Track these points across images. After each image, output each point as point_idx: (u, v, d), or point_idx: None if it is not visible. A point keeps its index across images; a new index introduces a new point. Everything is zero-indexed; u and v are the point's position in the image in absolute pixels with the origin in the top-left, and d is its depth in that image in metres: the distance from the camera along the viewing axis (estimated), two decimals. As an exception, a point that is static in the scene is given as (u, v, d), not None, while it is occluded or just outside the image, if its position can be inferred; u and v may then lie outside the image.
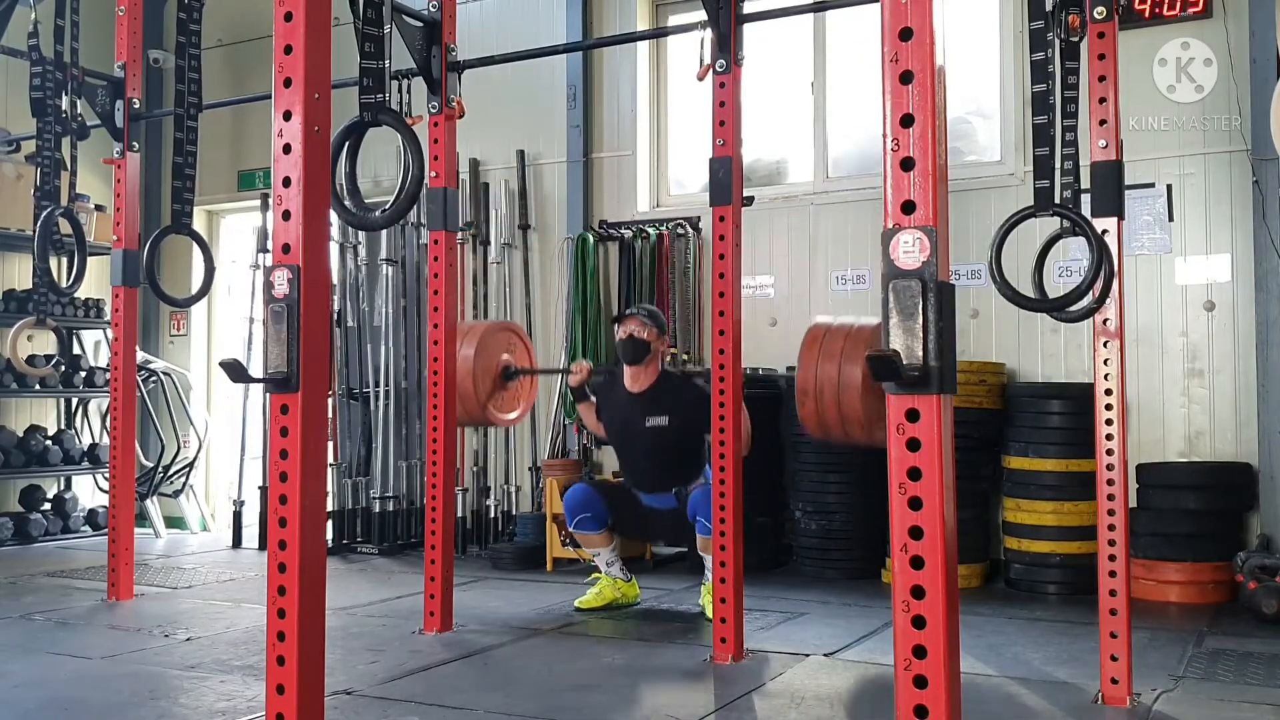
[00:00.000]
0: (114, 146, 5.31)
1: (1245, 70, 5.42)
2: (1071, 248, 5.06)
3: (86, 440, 7.95)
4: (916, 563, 1.73)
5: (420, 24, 4.47)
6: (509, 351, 5.28)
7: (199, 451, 8.11)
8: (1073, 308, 3.33)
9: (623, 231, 6.88)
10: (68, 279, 5.39)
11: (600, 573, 5.12)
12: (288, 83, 2.25)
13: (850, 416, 3.98)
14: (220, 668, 3.97)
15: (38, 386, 7.46)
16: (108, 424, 6.39)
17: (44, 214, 5.06)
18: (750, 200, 4.09)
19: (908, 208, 1.74)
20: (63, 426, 7.96)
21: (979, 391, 5.57)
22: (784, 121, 6.77)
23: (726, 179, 4.00)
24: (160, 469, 7.87)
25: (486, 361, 5.09)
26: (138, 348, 5.80)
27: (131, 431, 5.42)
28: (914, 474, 1.73)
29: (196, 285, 5.02)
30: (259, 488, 7.19)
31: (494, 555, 6.46)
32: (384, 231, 7.01)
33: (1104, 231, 3.33)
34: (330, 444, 5.22)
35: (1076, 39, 3.30)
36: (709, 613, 4.67)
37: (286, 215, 2.25)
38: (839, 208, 6.45)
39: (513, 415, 5.41)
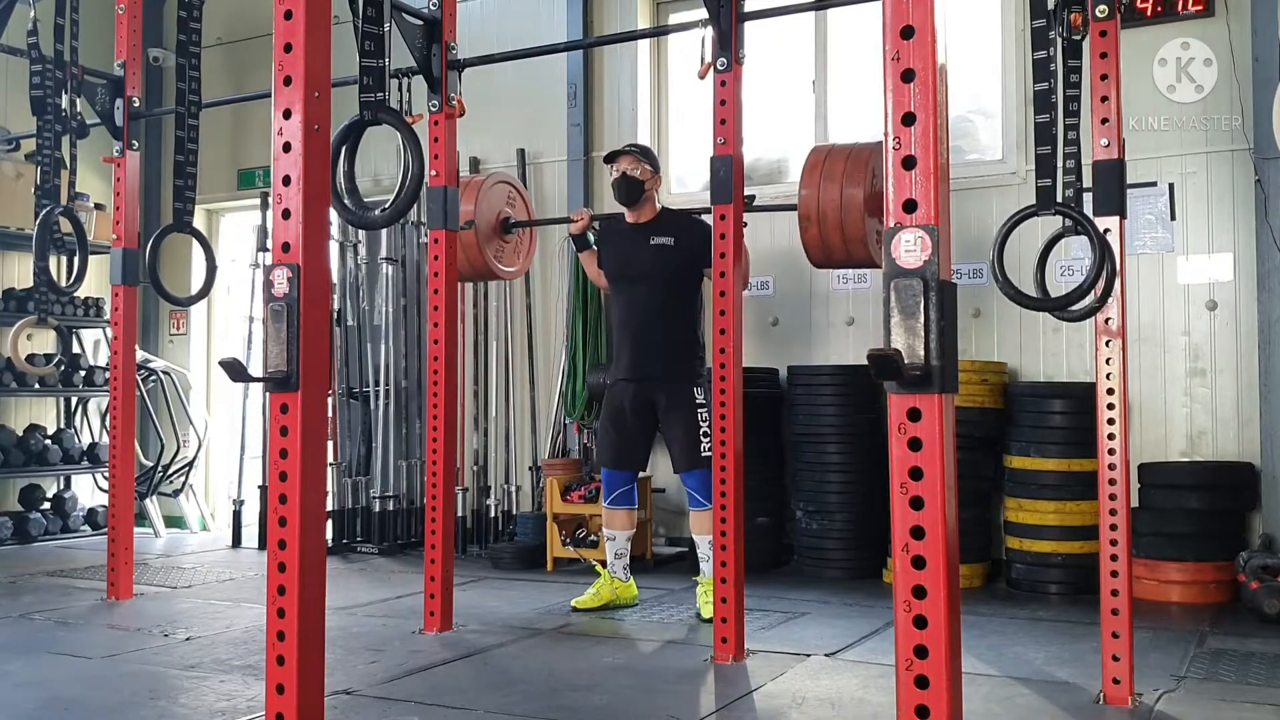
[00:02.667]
0: (114, 145, 5.30)
1: (1247, 69, 5.41)
2: (1073, 247, 5.06)
3: (86, 439, 7.95)
4: (918, 562, 1.72)
5: (420, 22, 4.47)
6: (509, 205, 5.31)
7: (199, 451, 8.10)
8: (1075, 307, 3.33)
9: (623, 230, 6.86)
10: (67, 278, 5.38)
11: (603, 569, 5.12)
12: (287, 81, 2.25)
13: (853, 236, 4.01)
14: (220, 667, 3.96)
15: (37, 385, 7.46)
16: (107, 423, 6.38)
17: (44, 213, 5.05)
18: (751, 199, 4.09)
19: (909, 206, 1.74)
20: (62, 426, 7.96)
21: (980, 391, 5.56)
22: (785, 120, 6.76)
23: (727, 178, 3.99)
24: (160, 468, 7.86)
25: (486, 213, 5.11)
26: (137, 347, 5.80)
27: (131, 431, 5.42)
28: (915, 473, 1.73)
29: (196, 284, 5.02)
30: (259, 487, 7.19)
31: (494, 555, 6.45)
32: (384, 230, 7.01)
33: (1106, 230, 3.33)
34: (330, 443, 5.21)
35: (1079, 37, 3.29)
36: (705, 613, 4.67)
37: (286, 214, 2.24)
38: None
39: (514, 268, 5.46)
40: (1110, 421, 3.44)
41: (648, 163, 5.04)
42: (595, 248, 5.32)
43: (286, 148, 2.24)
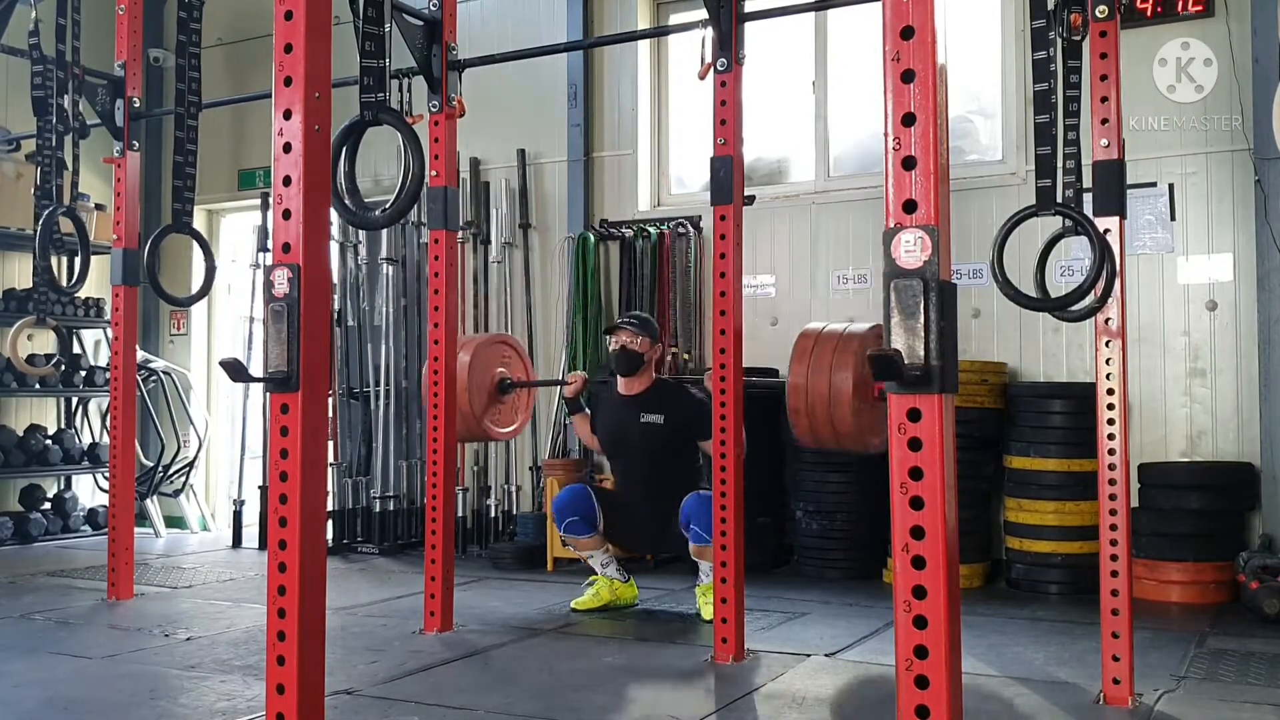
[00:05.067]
0: (114, 145, 5.30)
1: (1247, 69, 5.41)
2: (1073, 247, 5.06)
3: (86, 440, 7.94)
4: (918, 562, 1.73)
5: (421, 23, 4.47)
6: (504, 364, 5.25)
7: (199, 451, 8.10)
8: (1074, 307, 3.33)
9: (623, 231, 6.87)
10: (68, 278, 5.38)
11: (597, 574, 5.11)
12: (288, 81, 2.25)
13: (843, 431, 3.98)
14: (220, 668, 3.97)
15: (38, 386, 7.46)
16: (108, 423, 6.38)
17: (46, 213, 5.05)
18: (751, 199, 4.08)
19: (909, 207, 1.74)
20: (63, 426, 7.96)
21: (980, 391, 5.56)
22: (785, 120, 6.76)
23: (727, 178, 3.99)
24: (160, 468, 7.86)
25: (481, 376, 5.06)
26: (138, 347, 5.80)
27: (131, 431, 5.41)
28: (915, 474, 1.73)
29: (197, 284, 5.01)
30: (259, 487, 7.19)
31: (494, 555, 6.46)
32: (384, 231, 7.01)
33: (1106, 231, 3.33)
34: (330, 444, 5.21)
35: (1078, 38, 3.29)
36: (705, 614, 4.67)
37: (287, 214, 2.24)
38: (840, 207, 6.44)
39: (510, 429, 5.37)
40: (1110, 422, 3.44)
41: (646, 334, 5.06)
42: (588, 411, 5.32)
43: (287, 148, 2.24)
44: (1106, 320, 3.44)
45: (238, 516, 7.43)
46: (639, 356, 5.03)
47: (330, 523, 6.64)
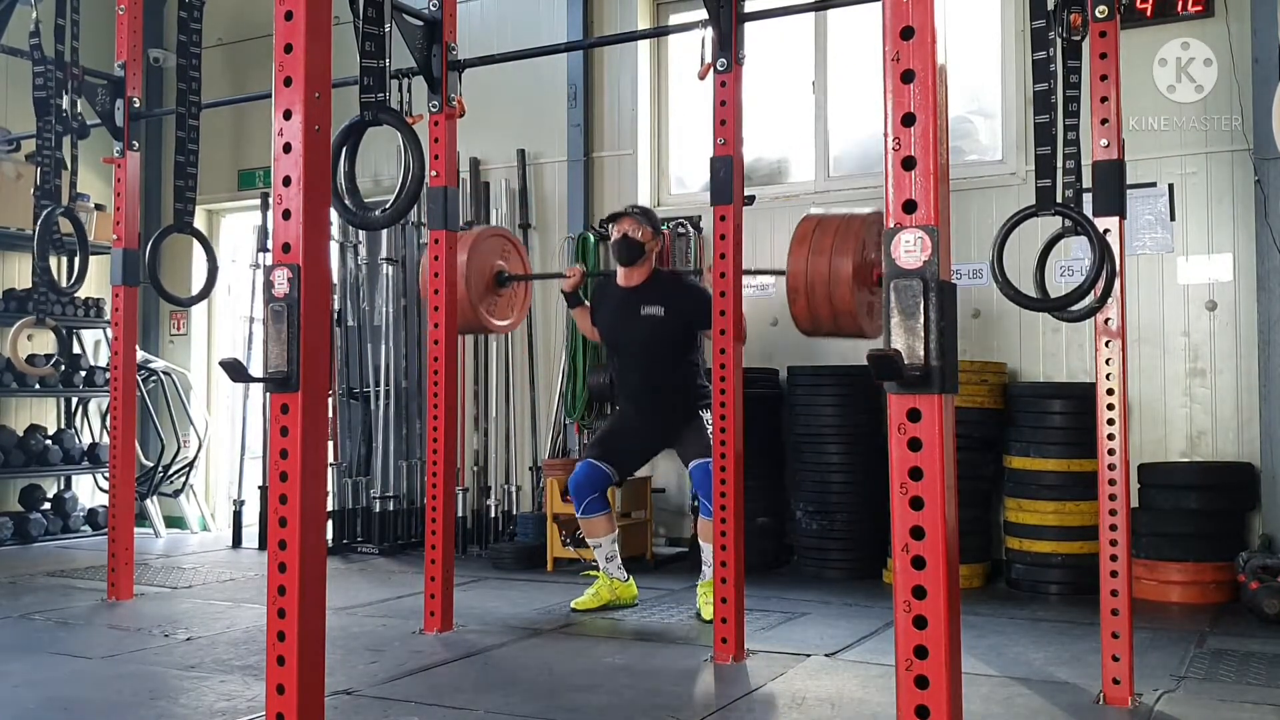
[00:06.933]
0: (114, 146, 5.30)
1: (1247, 69, 5.42)
2: (1073, 247, 5.06)
3: (86, 440, 7.94)
4: (918, 563, 1.73)
5: (420, 23, 4.47)
6: (503, 258, 5.28)
7: (199, 451, 8.10)
8: (1074, 307, 3.33)
9: (623, 231, 6.86)
10: (67, 278, 5.38)
11: (598, 572, 5.10)
12: (288, 81, 2.25)
13: (841, 309, 4.00)
14: (220, 668, 3.97)
15: (38, 386, 7.46)
16: (108, 423, 6.39)
17: (44, 213, 5.05)
18: (751, 199, 4.09)
19: (909, 207, 1.74)
20: (63, 426, 7.96)
21: (980, 391, 5.56)
22: (785, 121, 6.76)
23: (727, 178, 3.99)
24: (160, 469, 7.86)
25: (480, 266, 5.08)
26: (138, 347, 5.80)
27: (131, 431, 5.41)
28: (915, 474, 1.73)
29: (197, 284, 5.02)
30: (259, 487, 7.19)
31: (494, 555, 6.46)
32: (384, 231, 7.01)
33: (1106, 231, 3.33)
34: (330, 444, 5.21)
35: (1078, 38, 3.29)
36: (705, 614, 4.67)
37: (286, 214, 2.25)
38: (840, 207, 6.43)
39: (506, 321, 5.42)
40: (1110, 422, 3.44)
41: (649, 224, 5.03)
42: (587, 303, 5.31)
43: (287, 148, 2.25)
44: (1106, 320, 3.44)
45: (238, 516, 7.43)
46: (640, 246, 4.98)
47: (330, 523, 6.64)
